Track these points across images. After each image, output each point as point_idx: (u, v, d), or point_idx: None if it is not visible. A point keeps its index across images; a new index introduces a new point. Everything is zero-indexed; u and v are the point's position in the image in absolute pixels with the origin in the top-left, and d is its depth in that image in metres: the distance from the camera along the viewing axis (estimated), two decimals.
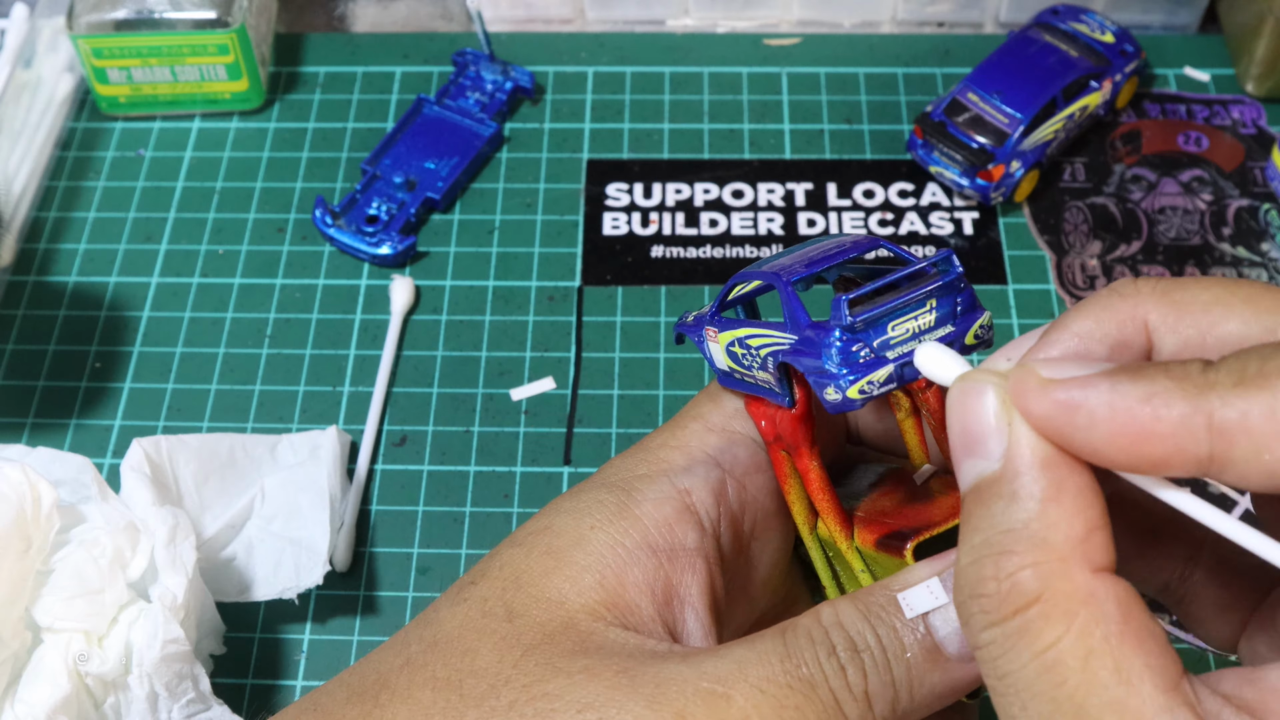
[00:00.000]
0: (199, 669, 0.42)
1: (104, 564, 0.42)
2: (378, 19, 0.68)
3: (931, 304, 0.30)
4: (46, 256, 0.58)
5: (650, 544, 0.31)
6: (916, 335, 0.30)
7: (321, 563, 0.46)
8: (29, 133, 0.61)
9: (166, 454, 0.47)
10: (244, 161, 0.61)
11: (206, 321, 0.56)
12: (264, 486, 0.49)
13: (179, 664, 0.42)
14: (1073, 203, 0.59)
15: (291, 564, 0.47)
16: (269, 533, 0.48)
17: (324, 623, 0.49)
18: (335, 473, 0.50)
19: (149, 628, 0.42)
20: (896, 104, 0.62)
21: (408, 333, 0.56)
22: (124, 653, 0.42)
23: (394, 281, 0.56)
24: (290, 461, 0.50)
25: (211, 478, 0.48)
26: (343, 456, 0.51)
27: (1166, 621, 0.46)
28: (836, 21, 0.66)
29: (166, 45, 0.60)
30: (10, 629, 0.41)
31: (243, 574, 0.47)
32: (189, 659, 0.42)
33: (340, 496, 0.50)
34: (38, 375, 0.55)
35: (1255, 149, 0.60)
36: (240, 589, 0.47)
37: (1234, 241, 0.57)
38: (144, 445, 0.47)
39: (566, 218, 0.59)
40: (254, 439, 0.50)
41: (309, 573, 0.46)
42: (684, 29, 0.66)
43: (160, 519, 0.43)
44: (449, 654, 0.31)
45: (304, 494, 0.48)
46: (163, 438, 0.48)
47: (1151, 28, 0.65)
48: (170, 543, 0.43)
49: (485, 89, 0.62)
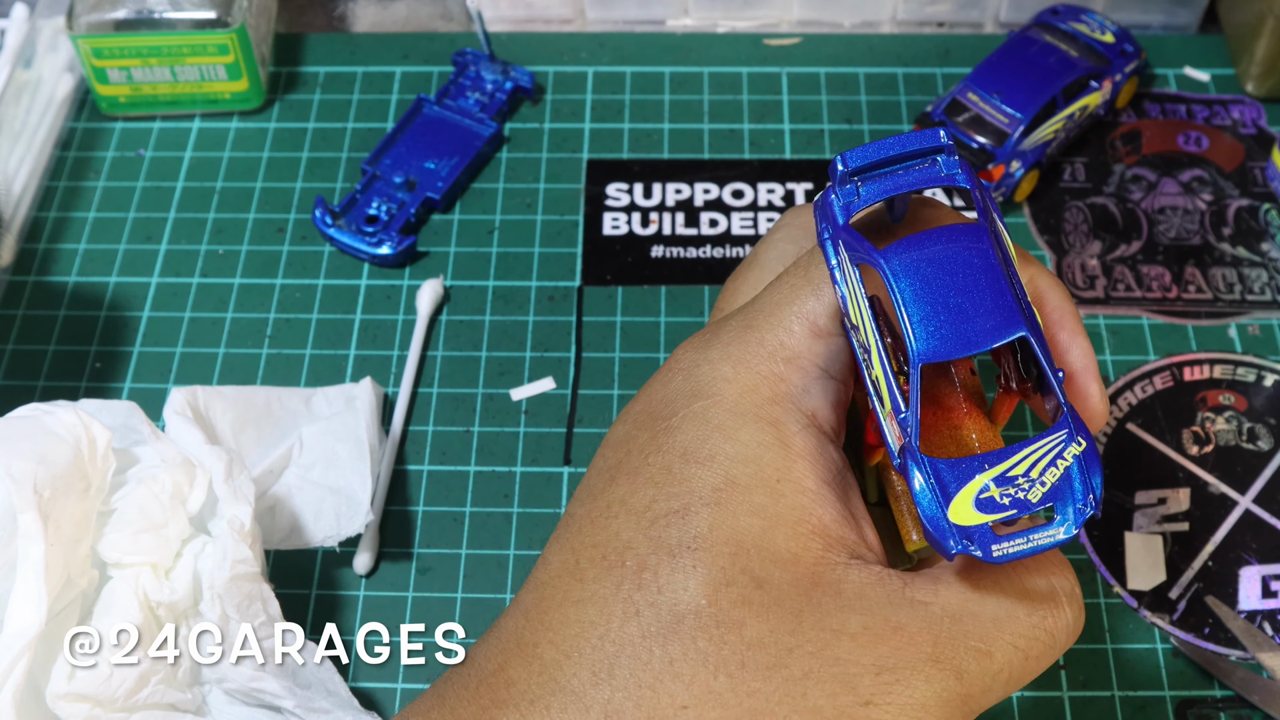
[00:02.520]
0: (268, 591, 0.43)
1: (164, 499, 0.43)
2: (378, 19, 0.68)
3: None
4: (46, 256, 0.58)
5: (821, 478, 0.32)
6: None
7: (363, 512, 0.47)
8: (29, 133, 0.61)
9: (203, 403, 0.48)
10: (244, 161, 0.61)
11: (206, 321, 0.56)
12: (301, 436, 0.49)
13: (248, 584, 0.42)
14: (1073, 203, 0.59)
15: (332, 513, 0.47)
16: (308, 481, 0.48)
17: (321, 623, 0.48)
18: (372, 424, 0.50)
19: (217, 552, 0.43)
20: (896, 104, 0.62)
21: (408, 333, 0.56)
22: (191, 582, 0.43)
23: (423, 285, 0.56)
24: (326, 413, 0.51)
25: (248, 427, 0.49)
26: (378, 407, 0.52)
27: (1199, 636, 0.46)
28: (836, 21, 0.66)
29: (166, 45, 0.60)
30: (78, 567, 0.42)
31: (284, 522, 0.47)
32: (258, 579, 0.42)
33: (379, 446, 0.50)
34: (38, 375, 0.55)
35: (1255, 149, 0.60)
36: (282, 537, 0.47)
37: (1234, 241, 0.57)
38: (183, 394, 0.48)
39: (566, 218, 0.59)
40: (288, 391, 0.51)
41: (350, 521, 0.47)
42: (684, 29, 0.66)
43: (215, 455, 0.44)
44: (708, 628, 0.30)
45: (342, 444, 0.49)
46: (199, 388, 0.49)
47: (1151, 28, 0.65)
48: (229, 477, 0.44)
49: (485, 89, 0.62)
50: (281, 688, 0.42)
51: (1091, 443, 0.30)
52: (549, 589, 0.32)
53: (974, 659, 0.30)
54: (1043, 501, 0.29)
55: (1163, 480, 0.50)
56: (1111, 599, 0.48)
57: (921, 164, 0.31)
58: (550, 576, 0.32)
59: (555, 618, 0.31)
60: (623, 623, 0.30)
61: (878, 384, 0.31)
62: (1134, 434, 0.52)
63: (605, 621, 0.30)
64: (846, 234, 0.31)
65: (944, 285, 0.30)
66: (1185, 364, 0.53)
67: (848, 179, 0.31)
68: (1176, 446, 0.51)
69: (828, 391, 0.33)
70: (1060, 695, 0.46)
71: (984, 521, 0.29)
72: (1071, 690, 0.46)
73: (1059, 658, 0.32)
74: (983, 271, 0.30)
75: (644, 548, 0.31)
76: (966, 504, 0.29)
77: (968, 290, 0.29)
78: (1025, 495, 0.29)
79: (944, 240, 0.30)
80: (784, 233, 0.38)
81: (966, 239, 0.30)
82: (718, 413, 0.32)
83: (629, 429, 0.34)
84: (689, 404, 0.32)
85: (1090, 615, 0.47)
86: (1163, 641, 0.47)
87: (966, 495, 0.29)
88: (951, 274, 0.30)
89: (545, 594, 0.32)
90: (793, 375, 0.32)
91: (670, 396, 0.33)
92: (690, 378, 0.33)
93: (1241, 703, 0.45)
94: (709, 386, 0.32)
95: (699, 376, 0.33)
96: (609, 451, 0.34)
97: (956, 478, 0.29)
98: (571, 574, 0.32)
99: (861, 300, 0.31)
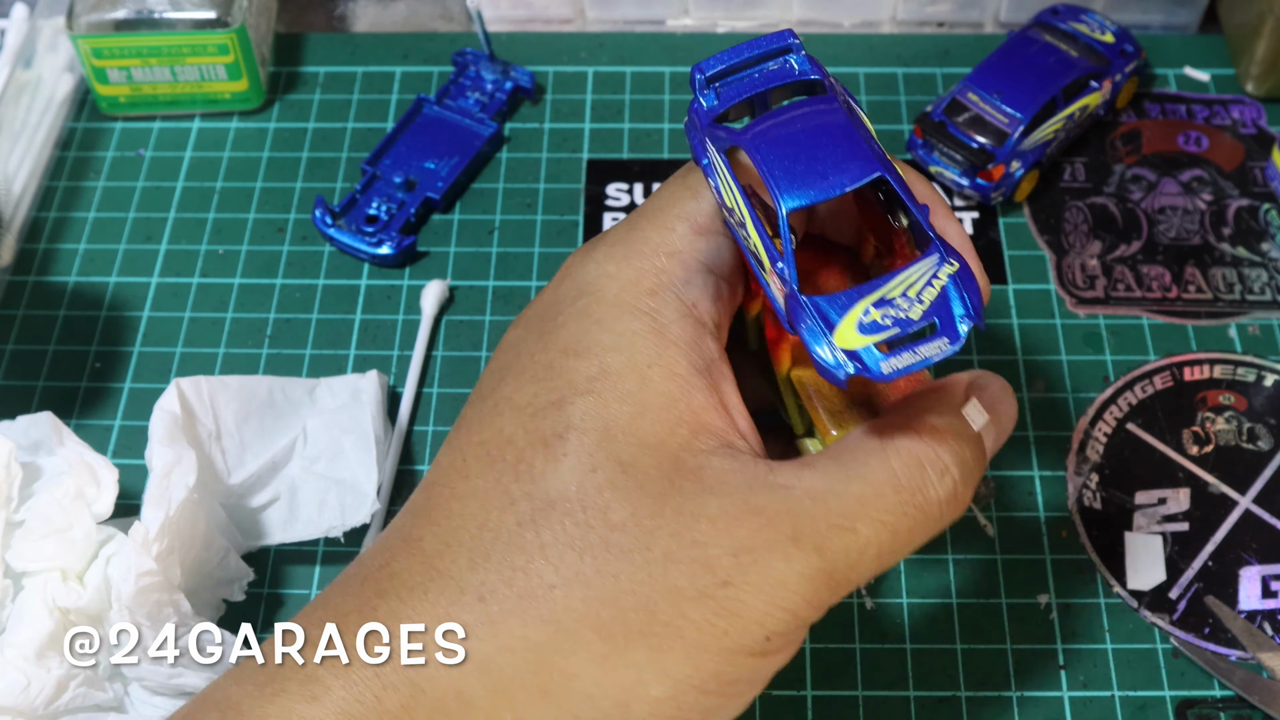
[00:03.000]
0: (178, 596, 0.42)
1: (67, 502, 0.43)
2: (378, 19, 0.68)
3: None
4: (46, 256, 0.59)
5: (694, 365, 0.33)
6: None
7: (369, 502, 0.47)
8: (29, 133, 0.61)
9: (207, 394, 0.48)
10: (244, 161, 0.61)
11: (206, 321, 0.56)
12: (306, 428, 0.49)
13: (156, 594, 0.42)
14: (1073, 203, 0.59)
15: (337, 503, 0.47)
16: (312, 473, 0.48)
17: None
18: (378, 415, 0.50)
19: (122, 562, 0.42)
20: (896, 104, 0.62)
21: (408, 333, 0.56)
22: (104, 586, 0.43)
23: (427, 285, 0.56)
24: (330, 405, 0.51)
25: (252, 418, 0.49)
26: (384, 399, 0.51)
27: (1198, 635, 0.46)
28: (836, 21, 0.66)
29: (166, 45, 0.60)
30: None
31: (287, 514, 0.47)
32: (166, 588, 0.42)
33: (384, 438, 0.50)
34: (38, 375, 0.55)
35: (1255, 149, 0.60)
36: (285, 528, 0.47)
37: (1234, 241, 0.57)
38: (182, 385, 0.47)
39: (566, 218, 0.59)
40: (292, 382, 0.51)
41: (355, 511, 0.47)
42: (684, 29, 0.66)
43: (160, 456, 0.44)
44: (574, 512, 0.31)
45: (347, 436, 0.49)
46: (203, 378, 0.48)
47: (1151, 28, 0.65)
48: (164, 478, 0.43)
49: (485, 89, 0.62)
50: (201, 679, 0.42)
51: (964, 263, 0.31)
52: (437, 488, 0.34)
53: (836, 535, 0.31)
54: (924, 318, 0.30)
55: (1163, 480, 0.50)
56: (1111, 599, 0.48)
57: (775, 64, 0.33)
58: (439, 476, 0.34)
59: (440, 512, 0.33)
60: (500, 512, 0.32)
61: (756, 252, 0.32)
62: (1134, 434, 0.52)
63: (484, 512, 0.32)
64: (712, 130, 0.33)
65: (802, 144, 0.31)
66: (1185, 364, 0.53)
67: (707, 85, 0.33)
68: (1176, 446, 0.51)
69: (708, 285, 0.34)
70: (1060, 695, 0.46)
71: (869, 343, 0.30)
72: (1071, 690, 0.46)
73: (944, 530, 0.33)
74: (837, 128, 0.31)
75: (522, 440, 0.32)
76: (850, 329, 0.30)
77: (824, 145, 0.31)
78: (906, 314, 0.30)
79: (798, 109, 0.32)
80: None
81: (820, 104, 0.32)
82: (598, 307, 0.33)
83: (520, 332, 0.35)
84: (574, 302, 0.34)
85: (1090, 615, 0.47)
86: (1163, 641, 0.47)
87: (849, 321, 0.30)
88: (808, 134, 0.32)
89: (433, 493, 0.34)
90: (674, 268, 0.34)
91: (558, 299, 0.34)
92: (577, 279, 0.34)
93: (1241, 703, 0.45)
94: (593, 284, 0.34)
95: (585, 275, 0.34)
96: (500, 355, 0.35)
97: (838, 309, 0.30)
98: (458, 471, 0.33)
99: (732, 184, 0.32)
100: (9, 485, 0.44)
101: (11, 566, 0.43)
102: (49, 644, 0.41)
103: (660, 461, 0.32)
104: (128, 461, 0.49)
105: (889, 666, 0.46)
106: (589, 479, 0.31)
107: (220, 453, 0.48)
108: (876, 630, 0.47)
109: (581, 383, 0.32)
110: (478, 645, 0.31)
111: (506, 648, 0.31)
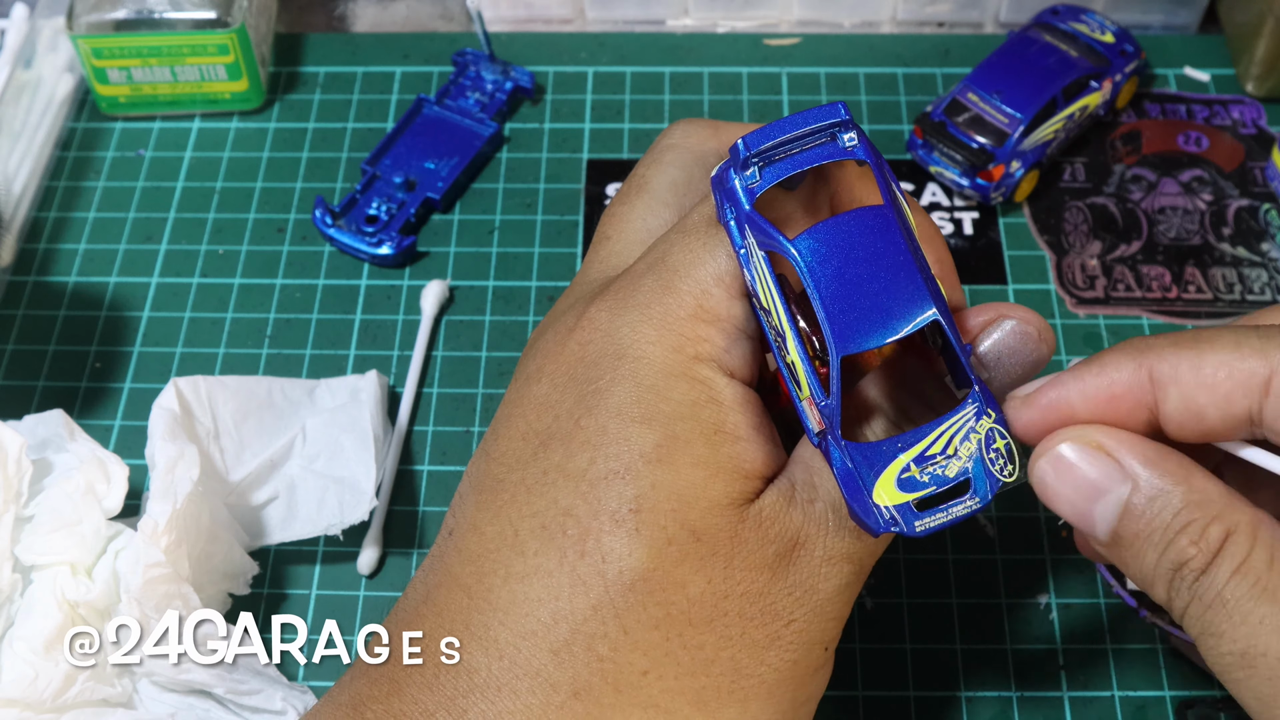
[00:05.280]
0: (187, 588, 0.43)
1: (77, 497, 0.44)
2: (378, 19, 0.68)
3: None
4: (46, 256, 0.58)
5: (751, 424, 0.33)
6: None
7: (368, 499, 0.47)
8: (29, 133, 0.61)
9: (205, 393, 0.48)
10: (244, 161, 0.61)
11: (206, 321, 0.56)
12: (305, 427, 0.49)
13: (164, 586, 0.42)
14: (1073, 203, 0.59)
15: (335, 501, 0.47)
16: (311, 472, 0.48)
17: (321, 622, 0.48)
18: (378, 414, 0.50)
19: (131, 555, 0.42)
20: (896, 104, 0.62)
21: (408, 333, 0.56)
22: (112, 580, 0.43)
23: (428, 285, 0.56)
24: (329, 405, 0.51)
25: (250, 418, 0.49)
26: (383, 399, 0.52)
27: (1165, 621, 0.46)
28: (836, 21, 0.66)
29: (166, 45, 0.60)
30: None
31: (286, 511, 0.48)
32: (174, 580, 0.42)
33: (384, 437, 0.50)
34: (38, 375, 0.55)
35: (1255, 149, 0.60)
36: (283, 526, 0.47)
37: (1234, 241, 0.57)
38: (180, 384, 0.47)
39: (566, 218, 0.59)
40: (292, 382, 0.51)
41: (354, 509, 0.47)
42: (684, 29, 0.66)
43: (163, 451, 0.44)
44: (655, 592, 0.31)
45: (346, 435, 0.49)
46: (200, 378, 0.48)
47: (1151, 28, 0.65)
48: (168, 472, 0.44)
49: (485, 89, 0.62)
50: (209, 674, 0.42)
51: (1000, 414, 0.31)
52: (488, 563, 0.32)
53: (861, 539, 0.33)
54: (959, 476, 0.31)
55: None
56: (1111, 599, 0.48)
57: (822, 139, 0.32)
58: (488, 549, 0.33)
59: (502, 596, 0.32)
60: (571, 596, 0.31)
61: (794, 369, 0.32)
62: None
63: (554, 599, 0.31)
64: (752, 219, 0.32)
65: (855, 275, 0.31)
66: None
67: (749, 161, 0.32)
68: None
69: (746, 351, 0.34)
70: (1060, 695, 0.46)
71: (907, 500, 0.30)
72: (1071, 690, 0.46)
73: None
74: (895, 261, 0.31)
75: (584, 513, 0.31)
76: (890, 485, 0.31)
77: (881, 279, 0.31)
78: (943, 471, 0.31)
79: (851, 227, 0.31)
80: (672, 155, 0.39)
81: (874, 223, 0.31)
82: (648, 373, 0.33)
83: (548, 391, 0.34)
84: (615, 366, 0.33)
85: (1090, 615, 0.47)
86: (1162, 641, 0.47)
87: (889, 477, 0.31)
88: (861, 262, 0.31)
89: (485, 568, 0.32)
90: (715, 336, 0.33)
91: (593, 359, 0.33)
92: (614, 340, 0.33)
93: None
94: (634, 348, 0.33)
95: (621, 339, 0.33)
96: (530, 414, 0.34)
97: (877, 461, 0.31)
98: (511, 547, 0.32)
99: (771, 286, 0.31)
100: (19, 480, 0.44)
101: (21, 560, 0.43)
102: (58, 637, 0.42)
103: (727, 522, 0.32)
104: (128, 461, 0.49)
105: (889, 666, 0.46)
106: (664, 554, 0.31)
107: (219, 451, 0.48)
108: (876, 630, 0.47)
109: (649, 449, 0.32)
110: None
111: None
